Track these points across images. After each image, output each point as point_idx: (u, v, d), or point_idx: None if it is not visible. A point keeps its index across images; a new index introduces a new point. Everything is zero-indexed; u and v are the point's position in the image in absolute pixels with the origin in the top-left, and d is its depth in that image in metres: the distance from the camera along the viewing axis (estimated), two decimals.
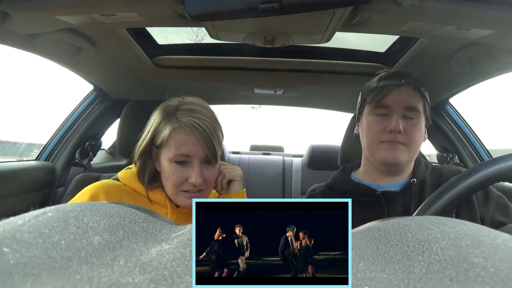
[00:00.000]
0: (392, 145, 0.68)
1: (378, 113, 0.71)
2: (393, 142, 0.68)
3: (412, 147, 0.69)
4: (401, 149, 0.68)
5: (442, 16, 0.65)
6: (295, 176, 1.64)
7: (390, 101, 0.69)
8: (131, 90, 1.35)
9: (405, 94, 0.69)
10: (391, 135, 0.68)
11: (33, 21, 0.74)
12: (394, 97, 0.69)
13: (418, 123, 0.69)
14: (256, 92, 1.41)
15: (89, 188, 0.66)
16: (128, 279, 0.15)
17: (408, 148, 0.68)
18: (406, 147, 0.68)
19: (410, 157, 0.70)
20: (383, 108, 0.70)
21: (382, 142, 0.69)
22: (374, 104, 0.71)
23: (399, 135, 0.67)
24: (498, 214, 0.66)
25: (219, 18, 0.68)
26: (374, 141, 0.71)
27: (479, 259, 0.16)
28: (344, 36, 0.93)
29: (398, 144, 0.68)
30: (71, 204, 0.23)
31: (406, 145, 0.68)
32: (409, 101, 0.68)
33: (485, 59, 0.86)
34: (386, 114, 0.70)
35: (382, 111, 0.70)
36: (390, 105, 0.69)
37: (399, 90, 0.69)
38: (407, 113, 0.69)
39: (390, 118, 0.68)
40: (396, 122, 0.67)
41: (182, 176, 0.65)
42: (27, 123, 24.94)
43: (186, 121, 0.63)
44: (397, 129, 0.67)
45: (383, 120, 0.70)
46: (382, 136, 0.69)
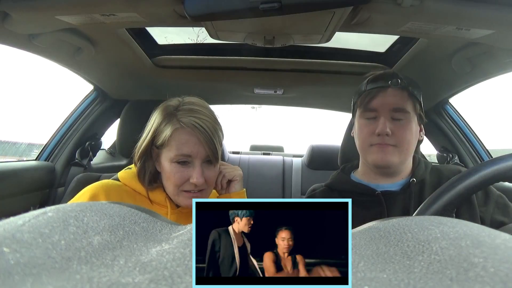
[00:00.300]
0: (382, 147, 0.69)
1: (366, 116, 0.72)
2: (382, 145, 0.68)
3: (403, 148, 0.69)
4: (391, 151, 0.68)
5: (442, 16, 0.65)
6: (295, 176, 1.64)
7: (377, 104, 0.70)
8: (131, 90, 1.35)
9: (391, 96, 0.69)
10: (379, 138, 0.68)
11: (33, 21, 0.74)
12: (380, 100, 0.69)
13: (407, 124, 0.69)
14: (256, 92, 1.41)
15: (89, 188, 0.66)
16: (128, 279, 0.15)
17: (398, 149, 0.69)
18: (396, 149, 0.68)
19: (401, 158, 0.70)
20: (371, 111, 0.71)
21: (372, 145, 0.70)
22: (362, 108, 0.72)
23: (388, 138, 0.68)
24: (498, 214, 0.66)
25: (219, 18, 0.68)
26: (364, 144, 0.72)
27: (479, 259, 0.16)
28: (344, 36, 0.93)
29: (388, 146, 0.68)
30: (71, 204, 0.23)
31: (396, 147, 0.68)
32: (395, 103, 0.69)
33: (485, 59, 0.86)
34: (374, 117, 0.70)
35: (370, 114, 0.71)
36: (377, 108, 0.70)
37: (385, 92, 0.70)
38: (395, 115, 0.69)
39: (378, 121, 0.69)
40: (383, 125, 0.67)
41: (183, 176, 0.65)
42: (27, 123, 24.90)
43: (187, 121, 0.63)
44: (384, 132, 0.67)
45: (372, 123, 0.70)
46: (371, 139, 0.70)
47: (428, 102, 1.19)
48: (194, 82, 1.33)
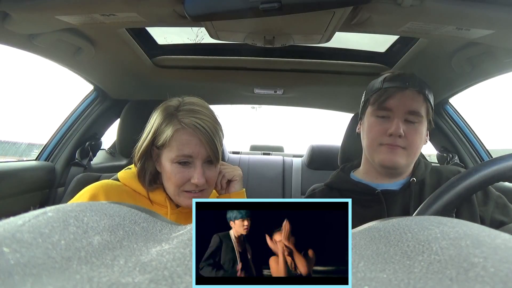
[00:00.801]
0: (392, 148, 0.68)
1: (379, 115, 0.70)
2: (393, 145, 0.68)
3: (412, 151, 0.68)
4: (400, 153, 0.68)
5: (442, 16, 0.65)
6: (295, 176, 1.64)
7: (393, 104, 0.68)
8: (131, 90, 1.35)
9: (408, 98, 0.68)
10: (391, 139, 0.68)
11: (33, 21, 0.74)
12: (397, 100, 0.68)
13: (419, 127, 0.69)
14: (256, 92, 1.41)
15: (89, 188, 0.66)
16: (128, 279, 0.15)
17: (407, 152, 0.68)
18: (405, 151, 0.68)
19: (409, 161, 0.69)
20: (385, 110, 0.70)
21: (381, 145, 0.69)
22: (376, 106, 0.71)
23: (399, 139, 0.67)
24: (498, 214, 0.66)
25: (219, 18, 0.68)
26: (374, 143, 0.71)
27: (479, 259, 0.16)
28: (344, 36, 0.93)
29: (398, 148, 0.68)
30: (71, 204, 0.23)
31: (405, 149, 0.68)
32: (412, 105, 0.68)
33: (485, 59, 0.86)
34: (388, 117, 0.69)
35: (384, 113, 0.70)
36: (392, 108, 0.69)
37: (402, 93, 0.68)
38: (409, 117, 0.68)
39: (392, 121, 0.68)
40: (397, 126, 0.67)
41: (184, 176, 0.65)
42: (27, 123, 24.89)
43: (188, 122, 0.63)
44: (398, 133, 0.66)
45: (384, 122, 0.69)
46: (382, 139, 0.69)
47: None
48: (194, 82, 1.33)
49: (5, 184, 1.04)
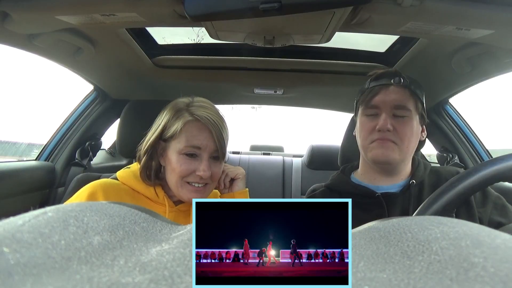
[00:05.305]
0: (382, 143, 0.68)
1: (368, 113, 0.72)
2: (383, 139, 0.68)
3: (403, 145, 0.69)
4: (391, 147, 0.68)
5: (442, 16, 0.65)
6: (295, 176, 1.64)
7: (379, 101, 0.70)
8: (131, 90, 1.35)
9: (393, 93, 0.69)
10: (380, 134, 0.68)
11: (33, 21, 0.74)
12: (382, 97, 0.70)
13: (408, 121, 0.69)
14: (256, 92, 1.41)
15: (87, 186, 0.66)
16: (128, 279, 0.15)
17: (398, 147, 0.68)
18: (396, 145, 0.68)
19: (402, 156, 0.69)
20: (373, 108, 0.71)
21: (373, 141, 0.70)
22: (364, 105, 0.72)
23: (389, 133, 0.68)
24: (496, 215, 0.66)
25: (219, 18, 0.68)
26: (366, 141, 0.71)
27: (479, 259, 0.16)
28: (344, 36, 0.93)
29: (388, 142, 0.68)
30: (71, 204, 0.23)
31: (396, 143, 0.68)
32: (397, 100, 0.69)
33: (485, 59, 0.86)
34: (376, 114, 0.71)
35: (372, 111, 0.71)
36: (379, 105, 0.70)
37: (387, 90, 0.70)
38: (397, 112, 0.69)
39: (379, 117, 0.69)
40: (385, 121, 0.68)
41: (190, 168, 0.65)
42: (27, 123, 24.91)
43: (201, 114, 0.65)
44: (385, 127, 0.67)
45: (373, 120, 0.70)
46: (372, 136, 0.70)
47: (428, 102, 1.18)
48: (194, 82, 1.33)
49: (5, 184, 1.04)
